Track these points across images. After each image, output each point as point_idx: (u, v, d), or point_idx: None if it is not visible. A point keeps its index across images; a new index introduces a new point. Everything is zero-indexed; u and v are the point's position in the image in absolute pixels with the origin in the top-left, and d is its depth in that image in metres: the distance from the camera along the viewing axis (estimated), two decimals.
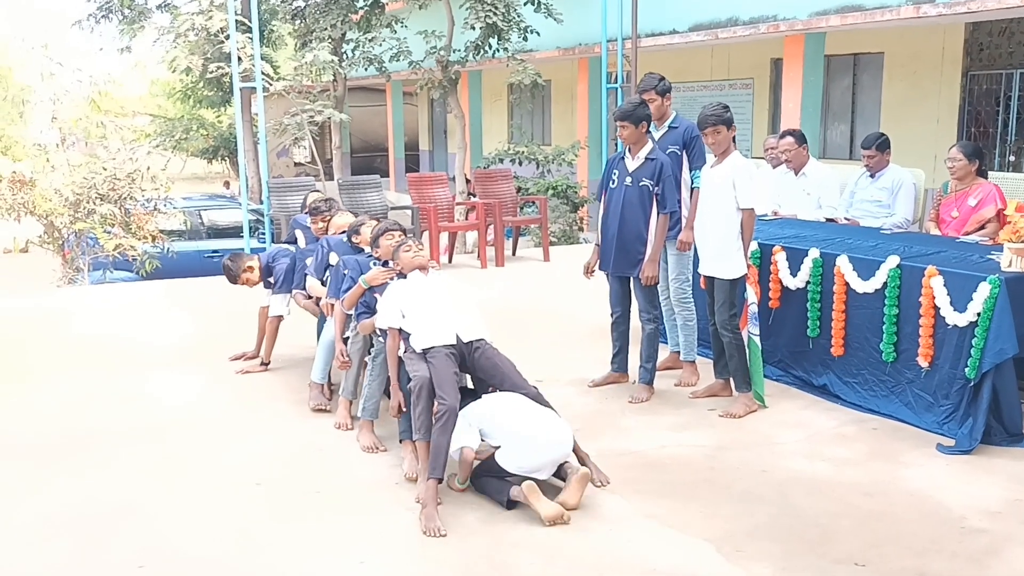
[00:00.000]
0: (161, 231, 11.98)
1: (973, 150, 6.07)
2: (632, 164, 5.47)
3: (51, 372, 6.32)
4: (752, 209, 5.24)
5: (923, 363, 4.96)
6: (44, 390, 5.93)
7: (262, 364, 6.22)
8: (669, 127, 5.81)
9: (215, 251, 13.02)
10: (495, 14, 13.30)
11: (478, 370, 4.44)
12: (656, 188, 5.39)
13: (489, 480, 4.17)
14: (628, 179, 5.46)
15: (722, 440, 4.90)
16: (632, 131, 5.40)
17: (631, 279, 5.57)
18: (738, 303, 5.31)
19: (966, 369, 4.72)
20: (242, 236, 11.62)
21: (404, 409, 4.42)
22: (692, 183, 5.73)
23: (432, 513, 3.91)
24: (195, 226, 13.52)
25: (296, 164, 26.43)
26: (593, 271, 5.76)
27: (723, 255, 5.27)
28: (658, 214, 5.43)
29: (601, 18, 12.80)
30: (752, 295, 5.32)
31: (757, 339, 5.30)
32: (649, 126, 5.51)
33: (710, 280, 5.43)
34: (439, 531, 3.83)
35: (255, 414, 5.42)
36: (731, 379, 5.41)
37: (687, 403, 5.49)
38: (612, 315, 5.73)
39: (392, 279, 4.76)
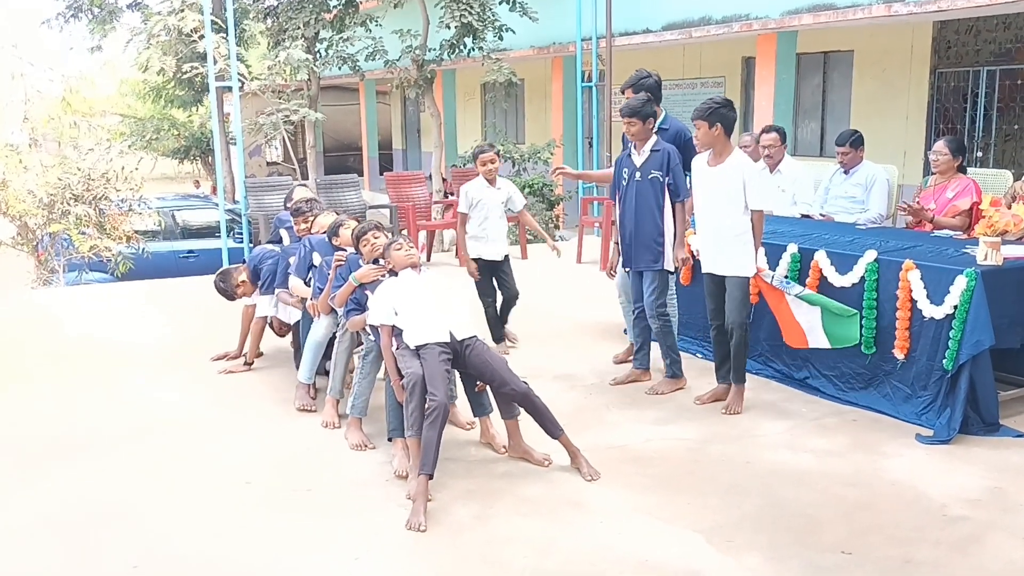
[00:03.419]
0: (136, 232, 11.88)
1: (958, 146, 6.22)
2: (639, 159, 5.51)
3: (33, 373, 6.27)
4: (762, 210, 5.22)
5: (899, 355, 5.05)
6: (28, 391, 5.89)
7: (245, 364, 6.21)
8: (659, 128, 5.72)
9: (190, 251, 12.94)
10: (470, 13, 13.31)
11: (470, 367, 4.49)
12: (667, 178, 5.43)
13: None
14: (637, 174, 5.50)
15: (706, 433, 4.97)
16: (640, 127, 5.44)
17: (643, 274, 5.63)
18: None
19: (943, 361, 4.82)
20: (216, 236, 11.55)
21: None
22: None
23: (419, 509, 3.94)
24: (169, 226, 13.42)
25: (269, 164, 26.29)
26: (615, 271, 5.92)
27: (738, 254, 5.22)
28: (673, 203, 5.47)
29: (576, 17, 12.86)
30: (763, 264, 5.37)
31: (801, 289, 5.35)
32: (653, 125, 5.52)
33: (715, 279, 5.37)
34: (420, 526, 3.86)
35: (241, 414, 5.42)
36: (731, 372, 5.35)
37: (670, 397, 5.55)
38: (634, 311, 5.81)
39: (383, 276, 4.79)
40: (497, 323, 6.55)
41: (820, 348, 5.40)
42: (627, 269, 5.78)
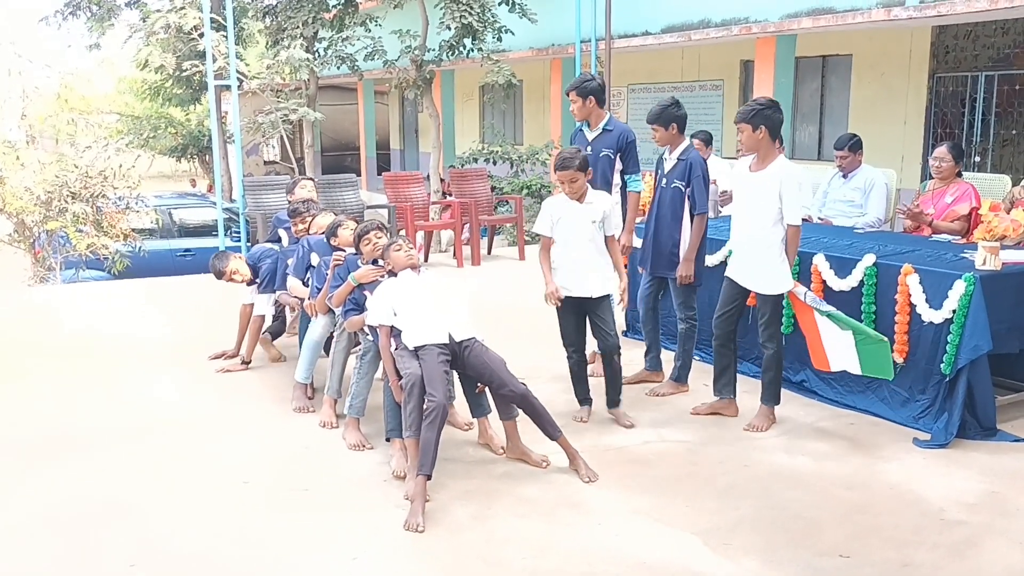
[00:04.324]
0: (133, 230, 11.88)
1: (960, 151, 6.26)
2: (668, 164, 5.51)
3: (32, 372, 6.26)
4: (799, 225, 4.87)
5: (898, 359, 5.05)
6: (26, 390, 5.88)
7: (243, 363, 6.21)
8: (603, 129, 5.71)
9: (187, 250, 12.95)
10: (470, 14, 13.33)
11: (468, 368, 4.49)
12: (687, 189, 5.41)
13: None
14: (664, 180, 5.51)
15: (703, 436, 4.97)
16: (663, 134, 5.42)
17: (667, 279, 5.63)
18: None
19: (941, 365, 4.83)
20: (213, 235, 11.55)
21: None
22: (627, 187, 5.77)
23: (417, 509, 3.94)
24: (166, 225, 13.43)
25: (266, 163, 26.27)
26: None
27: (767, 269, 4.94)
28: (692, 215, 5.43)
29: (575, 19, 12.87)
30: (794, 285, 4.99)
31: (831, 308, 4.91)
32: (681, 128, 5.45)
33: (734, 285, 5.16)
34: (418, 527, 3.87)
35: (239, 413, 5.42)
36: (762, 391, 5.15)
37: (669, 400, 5.56)
38: (641, 311, 5.84)
39: (382, 277, 4.79)
40: (582, 379, 5.29)
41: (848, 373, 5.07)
42: (642, 269, 5.81)
